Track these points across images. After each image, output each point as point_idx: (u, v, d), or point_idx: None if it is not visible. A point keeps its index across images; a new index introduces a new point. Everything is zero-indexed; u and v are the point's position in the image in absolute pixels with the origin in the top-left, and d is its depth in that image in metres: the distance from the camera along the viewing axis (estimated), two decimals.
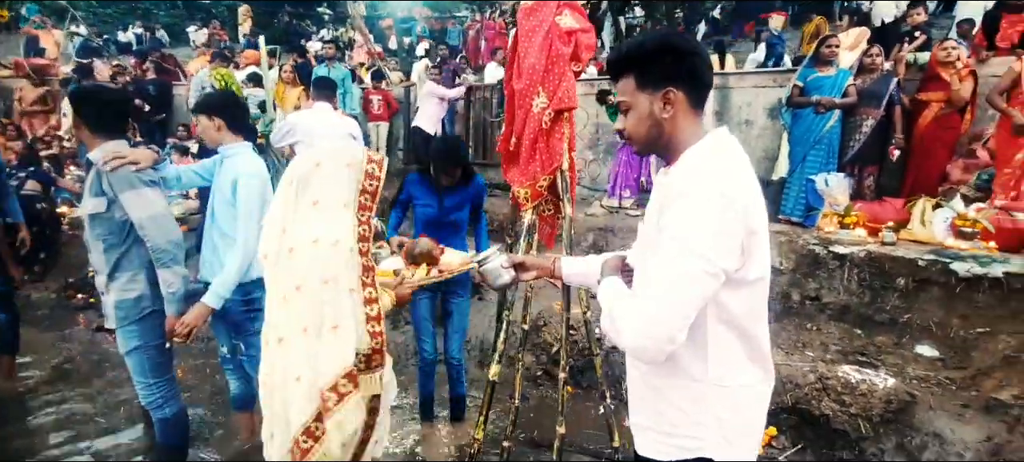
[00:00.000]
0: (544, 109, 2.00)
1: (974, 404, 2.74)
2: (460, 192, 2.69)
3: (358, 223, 1.61)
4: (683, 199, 1.10)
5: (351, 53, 10.43)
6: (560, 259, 1.64)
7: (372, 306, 1.57)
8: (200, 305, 2.21)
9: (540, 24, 2.00)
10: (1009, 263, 3.61)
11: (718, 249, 1.08)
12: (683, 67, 1.19)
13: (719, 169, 1.13)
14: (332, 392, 1.44)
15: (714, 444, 1.21)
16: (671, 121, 1.21)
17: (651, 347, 1.10)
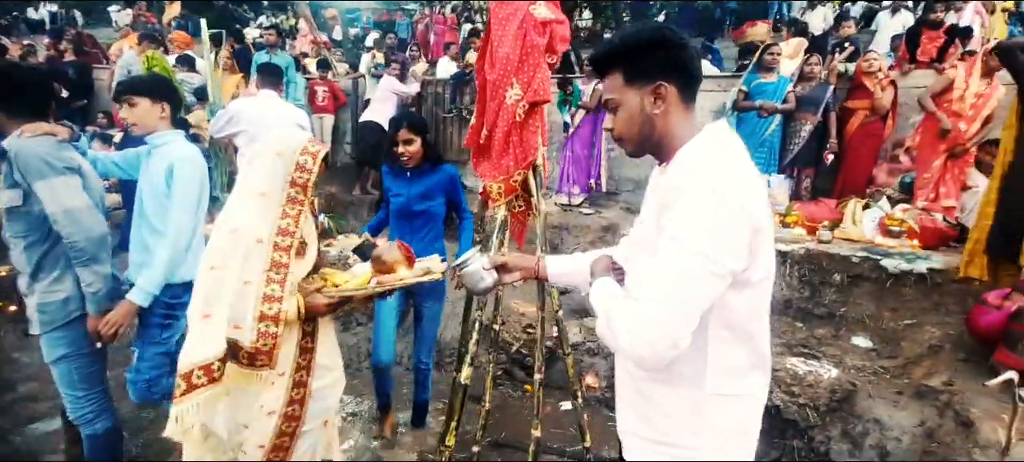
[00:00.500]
0: (518, 101, 1.95)
1: (907, 391, 2.94)
2: (427, 178, 2.58)
3: (281, 216, 1.57)
4: (684, 198, 1.05)
5: (293, 42, 9.94)
6: (544, 258, 1.57)
7: (271, 305, 1.53)
8: (126, 302, 2.03)
9: (514, 12, 1.94)
10: (931, 259, 3.93)
11: (723, 249, 1.03)
12: (673, 60, 1.15)
13: (720, 166, 1.09)
14: (182, 380, 1.42)
15: (709, 452, 1.18)
16: (663, 117, 1.16)
17: (651, 353, 1.04)
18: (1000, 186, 3.35)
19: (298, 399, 1.68)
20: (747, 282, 1.10)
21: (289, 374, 1.64)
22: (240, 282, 1.51)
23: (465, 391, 2.07)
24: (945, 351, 3.19)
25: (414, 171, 2.55)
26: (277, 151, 1.61)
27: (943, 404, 2.71)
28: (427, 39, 10.91)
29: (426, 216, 2.60)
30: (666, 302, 1.04)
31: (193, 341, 1.45)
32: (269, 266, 1.55)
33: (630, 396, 1.29)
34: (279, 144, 1.62)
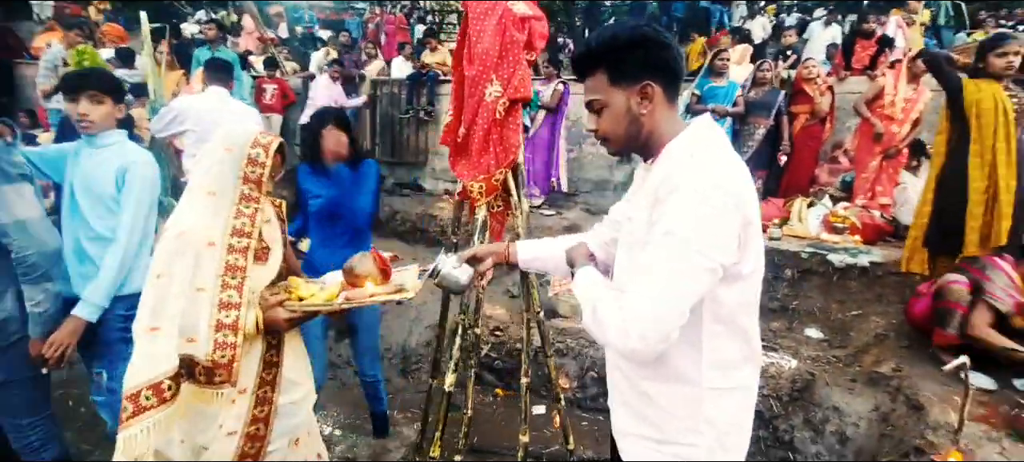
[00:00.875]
0: (498, 98, 1.90)
1: (860, 378, 3.11)
2: (351, 175, 2.35)
3: (235, 215, 1.47)
4: (676, 193, 1.04)
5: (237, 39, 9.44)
6: (513, 244, 1.55)
7: (228, 312, 1.40)
8: (72, 319, 1.86)
9: (492, 8, 1.89)
10: (872, 253, 4.18)
11: (714, 243, 1.04)
12: (658, 59, 1.14)
13: (711, 160, 1.09)
14: (129, 403, 1.30)
15: (708, 448, 1.18)
16: (649, 116, 1.16)
17: (643, 346, 1.04)
18: (935, 186, 3.60)
19: (262, 417, 1.55)
20: (738, 275, 1.11)
21: (252, 390, 1.52)
22: (192, 289, 1.39)
23: (449, 398, 1.99)
24: (890, 339, 3.40)
25: (336, 170, 2.32)
26: (226, 146, 1.50)
27: (894, 389, 2.88)
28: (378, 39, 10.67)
29: (350, 217, 2.36)
30: (657, 296, 1.03)
31: (139, 358, 1.32)
32: (223, 270, 1.43)
33: (627, 396, 1.27)
34: (227, 138, 1.51)
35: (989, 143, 3.32)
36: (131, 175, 1.96)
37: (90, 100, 1.96)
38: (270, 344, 1.56)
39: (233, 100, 4.12)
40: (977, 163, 3.36)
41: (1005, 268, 2.82)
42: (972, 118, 3.34)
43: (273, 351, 1.57)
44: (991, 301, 2.75)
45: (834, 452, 2.81)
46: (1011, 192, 3.32)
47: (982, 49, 3.38)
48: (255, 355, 1.52)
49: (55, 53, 5.26)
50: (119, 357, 2.01)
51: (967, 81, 3.40)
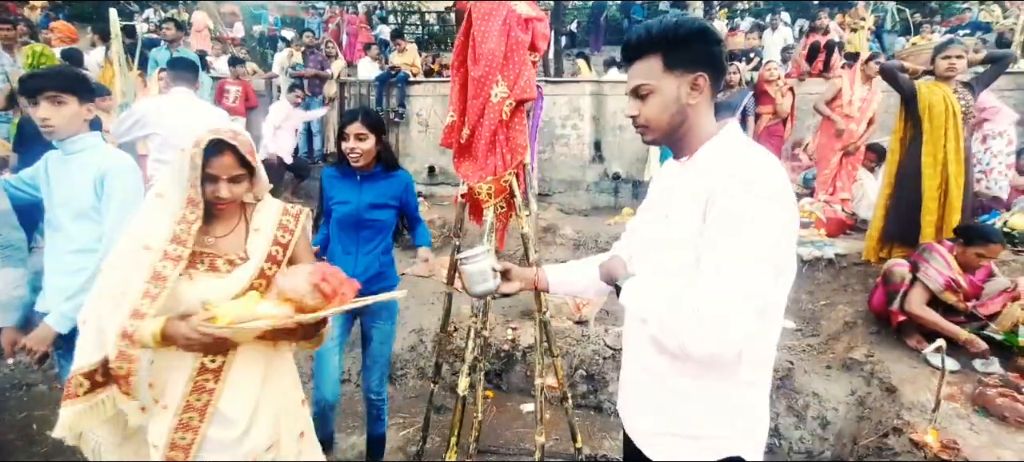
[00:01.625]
0: (504, 99, 1.89)
1: (835, 365, 3.26)
2: (380, 184, 2.22)
3: (180, 220, 1.38)
4: (741, 194, 1.05)
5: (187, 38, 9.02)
6: (542, 269, 1.53)
7: (134, 321, 1.31)
8: (44, 326, 1.81)
9: (496, 8, 1.88)
10: (836, 246, 4.41)
11: (779, 243, 1.06)
12: (713, 54, 1.16)
13: (766, 162, 1.11)
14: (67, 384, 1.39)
15: (741, 440, 1.21)
16: (695, 109, 1.17)
17: (727, 349, 1.04)
18: (891, 182, 3.84)
19: (183, 444, 1.39)
20: (781, 271, 1.13)
21: (174, 411, 1.40)
22: (119, 291, 1.34)
23: (464, 403, 1.96)
24: (858, 326, 3.58)
25: (364, 175, 2.21)
26: (182, 147, 1.40)
27: (868, 374, 3.04)
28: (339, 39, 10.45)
29: (376, 227, 2.24)
30: (736, 296, 1.03)
31: (78, 346, 1.39)
32: (150, 277, 1.33)
33: (657, 396, 1.26)
34: (187, 140, 1.40)
35: (940, 143, 3.57)
36: (111, 182, 1.85)
37: (50, 102, 1.82)
38: (205, 366, 1.41)
39: (201, 101, 3.94)
40: (930, 162, 3.61)
41: (942, 252, 3.06)
42: (925, 120, 3.59)
43: (209, 375, 1.42)
44: (924, 280, 3.00)
45: (816, 436, 2.94)
46: (960, 188, 3.58)
47: (933, 53, 3.63)
48: (183, 374, 1.40)
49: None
50: None
51: (920, 84, 3.65)
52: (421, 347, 3.85)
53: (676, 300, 1.12)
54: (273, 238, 1.48)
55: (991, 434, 2.43)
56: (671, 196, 1.24)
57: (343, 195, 2.22)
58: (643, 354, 1.28)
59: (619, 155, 6.62)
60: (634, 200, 6.42)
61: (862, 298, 3.88)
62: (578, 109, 6.54)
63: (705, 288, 1.06)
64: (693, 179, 1.17)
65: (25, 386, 3.61)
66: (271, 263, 1.45)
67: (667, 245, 1.20)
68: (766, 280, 1.05)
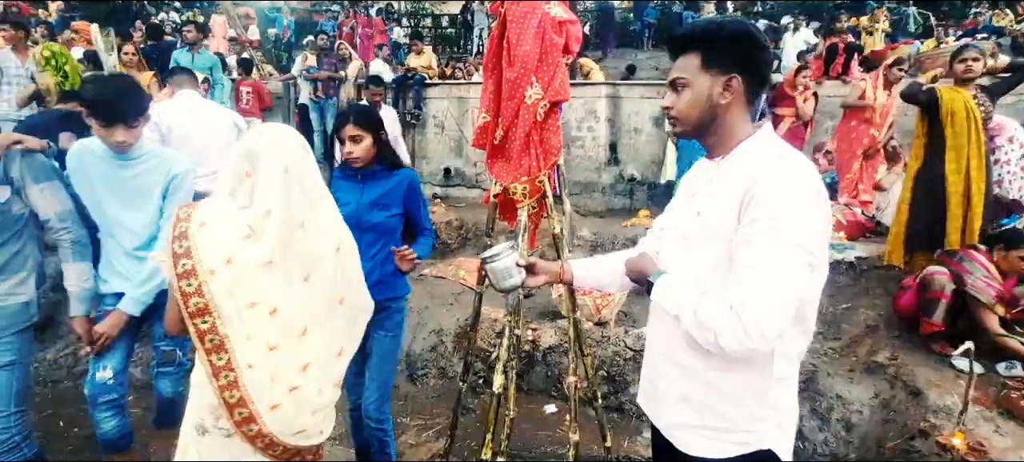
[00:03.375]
0: (538, 100, 1.92)
1: (858, 368, 3.26)
2: (382, 183, 2.11)
3: None
4: (778, 192, 1.08)
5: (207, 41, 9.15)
6: (568, 262, 1.56)
7: None
8: (117, 312, 1.98)
9: (531, 11, 1.91)
10: (856, 249, 4.39)
11: (815, 239, 1.08)
12: (752, 58, 1.19)
13: (801, 161, 1.15)
14: None
15: (772, 434, 1.22)
16: (726, 108, 1.20)
17: (762, 345, 1.06)
18: (912, 186, 3.82)
19: None
20: (814, 268, 1.15)
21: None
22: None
23: (499, 401, 1.98)
24: (881, 329, 3.57)
25: (366, 175, 2.10)
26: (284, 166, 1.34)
27: (892, 377, 3.03)
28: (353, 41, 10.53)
29: (378, 230, 2.09)
30: (773, 292, 1.06)
31: None
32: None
33: (687, 390, 1.28)
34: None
35: (963, 149, 3.54)
36: (177, 183, 2.06)
37: (127, 128, 1.94)
38: None
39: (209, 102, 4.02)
40: (953, 168, 3.58)
41: (981, 260, 3.01)
42: (947, 126, 3.55)
43: None
44: (974, 293, 2.93)
45: (840, 439, 2.94)
46: (982, 194, 3.54)
47: (950, 57, 3.61)
48: None
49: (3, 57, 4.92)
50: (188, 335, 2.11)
51: (942, 90, 3.62)
52: (442, 347, 3.88)
53: (712, 298, 1.14)
54: None
55: (1016, 436, 2.42)
56: (704, 194, 1.26)
57: (345, 196, 2.10)
58: (674, 350, 1.30)
59: (635, 157, 6.63)
60: (649, 203, 6.42)
61: (884, 302, 3.86)
62: (594, 111, 6.56)
63: (742, 287, 1.08)
64: (728, 178, 1.19)
65: (51, 383, 3.68)
66: None
67: (700, 242, 1.23)
68: (802, 279, 1.07)
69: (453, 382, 3.71)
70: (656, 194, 6.34)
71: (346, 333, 1.43)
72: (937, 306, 3.04)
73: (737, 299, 1.08)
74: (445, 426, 3.00)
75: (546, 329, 3.81)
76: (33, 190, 1.89)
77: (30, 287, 1.96)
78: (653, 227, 1.53)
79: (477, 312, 2.26)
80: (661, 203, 6.24)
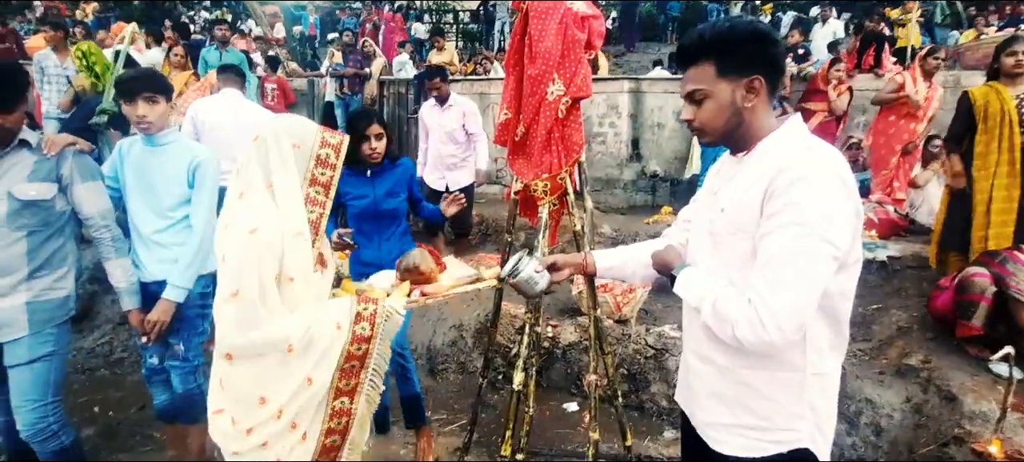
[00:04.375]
0: (560, 97, 1.91)
1: (888, 371, 3.16)
2: (390, 175, 2.43)
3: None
4: (801, 183, 1.05)
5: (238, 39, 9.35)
6: (590, 253, 1.54)
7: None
8: (164, 301, 2.09)
9: (555, 6, 1.90)
10: (889, 248, 4.26)
11: (840, 232, 1.06)
12: (768, 55, 1.16)
13: (828, 152, 1.12)
14: None
15: (809, 434, 1.20)
16: (751, 111, 1.18)
17: (780, 338, 1.05)
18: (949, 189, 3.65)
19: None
20: (845, 264, 1.12)
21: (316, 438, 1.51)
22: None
23: (519, 398, 1.98)
24: (914, 332, 3.46)
25: (374, 169, 2.38)
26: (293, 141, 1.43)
27: (924, 381, 2.93)
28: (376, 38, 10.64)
29: (393, 215, 2.45)
30: (793, 285, 1.04)
31: None
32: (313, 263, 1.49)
33: (720, 387, 1.27)
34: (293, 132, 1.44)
35: (993, 155, 3.33)
36: (202, 171, 2.13)
37: (147, 101, 2.07)
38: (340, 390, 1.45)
39: (247, 101, 4.12)
40: (981, 173, 3.36)
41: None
42: (979, 124, 3.37)
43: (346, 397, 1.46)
44: (1018, 296, 2.80)
45: (869, 443, 2.85)
46: (1014, 200, 3.30)
47: (997, 52, 3.43)
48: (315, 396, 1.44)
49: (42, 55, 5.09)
50: (195, 331, 2.27)
51: (974, 90, 3.43)
52: (462, 342, 3.89)
53: (730, 290, 1.14)
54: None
55: None
56: (728, 189, 1.24)
57: (358, 190, 2.39)
58: (707, 347, 1.29)
59: (658, 153, 6.54)
60: (672, 199, 6.33)
61: (916, 302, 3.74)
62: (616, 107, 6.48)
63: (760, 280, 1.07)
64: (751, 172, 1.18)
65: (88, 371, 3.83)
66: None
67: (725, 237, 1.22)
68: (824, 273, 1.05)
69: (473, 377, 3.72)
70: (679, 190, 6.25)
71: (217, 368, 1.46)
72: (976, 309, 2.92)
73: (755, 291, 1.07)
74: (466, 421, 3.02)
75: (566, 326, 3.79)
76: (80, 188, 1.97)
77: (70, 282, 2.04)
78: (679, 218, 1.52)
79: (497, 308, 2.27)
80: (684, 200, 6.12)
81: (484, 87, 6.96)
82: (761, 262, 1.09)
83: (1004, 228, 3.30)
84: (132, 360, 3.79)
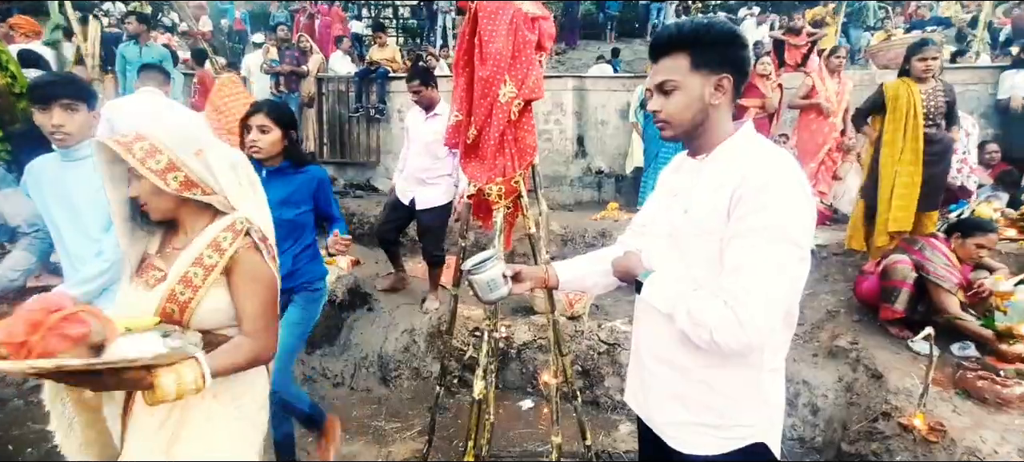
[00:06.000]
0: (512, 98, 1.88)
1: (821, 353, 3.36)
2: (289, 181, 2.13)
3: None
4: (767, 189, 1.09)
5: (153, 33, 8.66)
6: (552, 266, 1.53)
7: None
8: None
9: (503, 7, 1.86)
10: (817, 237, 4.53)
11: (805, 234, 1.11)
12: (739, 56, 1.20)
13: (787, 158, 1.16)
14: None
15: (764, 428, 1.25)
16: (717, 109, 1.21)
17: (757, 339, 1.08)
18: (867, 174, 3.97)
19: None
20: (803, 261, 1.16)
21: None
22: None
23: (479, 407, 1.94)
24: (842, 315, 3.70)
25: (271, 171, 2.09)
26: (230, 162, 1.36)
27: (854, 360, 3.14)
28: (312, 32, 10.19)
29: (290, 227, 2.11)
30: (767, 288, 1.07)
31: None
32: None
33: (680, 388, 1.29)
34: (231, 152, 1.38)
35: (898, 144, 3.68)
36: None
37: (65, 110, 1.84)
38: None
39: (169, 101, 3.84)
40: (887, 161, 3.71)
41: (941, 248, 3.14)
42: (888, 114, 3.70)
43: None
44: (938, 282, 3.04)
45: (807, 423, 3.03)
46: (916, 186, 3.62)
47: (908, 53, 3.73)
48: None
49: None
50: None
51: (886, 84, 3.76)
52: (414, 348, 3.81)
53: (704, 294, 1.15)
54: (197, 257, 1.26)
55: (973, 415, 2.55)
56: (691, 192, 1.26)
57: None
58: (665, 348, 1.31)
59: (602, 150, 6.67)
60: (617, 195, 6.48)
61: (843, 287, 4.01)
62: (561, 104, 6.55)
63: (736, 282, 1.09)
64: (714, 176, 1.20)
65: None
66: (184, 286, 1.24)
67: (689, 240, 1.24)
68: (792, 273, 1.10)
69: (427, 382, 3.65)
70: (623, 186, 6.41)
71: None
72: (899, 293, 3.16)
73: (731, 294, 1.09)
74: (423, 427, 2.95)
75: (520, 325, 3.79)
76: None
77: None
78: (633, 224, 1.53)
79: (453, 313, 2.21)
80: (628, 194, 6.32)
81: None
82: (734, 266, 1.11)
83: (904, 211, 3.64)
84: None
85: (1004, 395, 2.52)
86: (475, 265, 1.38)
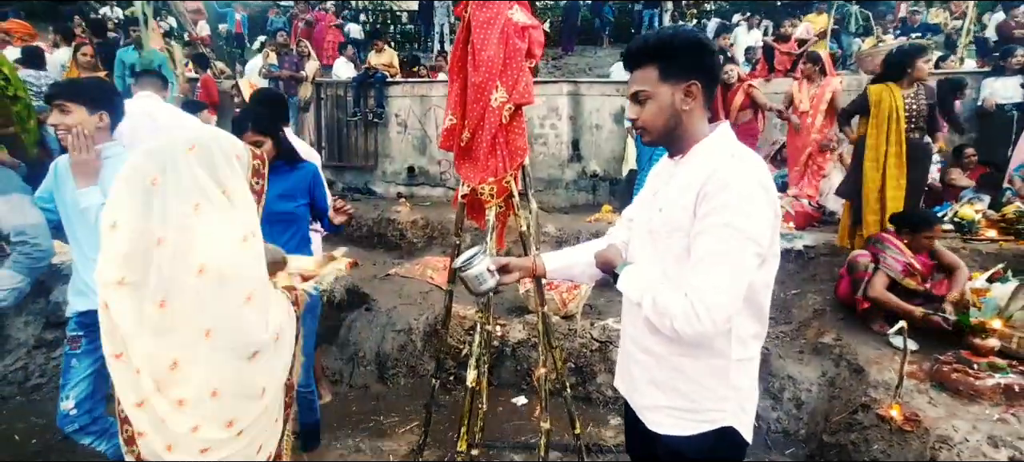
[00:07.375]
0: (503, 104, 1.98)
1: (806, 349, 3.47)
2: (285, 177, 2.28)
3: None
4: (728, 189, 1.18)
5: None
6: (540, 256, 1.63)
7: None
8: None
9: (496, 16, 1.97)
10: (804, 238, 4.65)
11: (762, 232, 1.20)
12: (706, 63, 1.29)
13: (751, 160, 1.26)
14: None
15: (733, 413, 1.34)
16: (689, 114, 1.30)
17: (712, 328, 1.18)
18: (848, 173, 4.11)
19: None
20: (766, 258, 1.28)
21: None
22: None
23: (473, 395, 2.04)
24: (827, 313, 3.81)
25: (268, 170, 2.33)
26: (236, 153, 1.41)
27: (837, 356, 3.25)
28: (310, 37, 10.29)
29: (288, 219, 2.29)
30: (723, 281, 1.17)
31: None
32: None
33: (656, 374, 1.39)
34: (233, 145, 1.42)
35: (882, 147, 3.85)
36: None
37: (58, 110, 1.93)
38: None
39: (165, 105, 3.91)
40: (871, 164, 3.91)
41: (894, 242, 3.36)
42: (872, 117, 3.87)
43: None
44: (885, 269, 3.27)
45: (792, 416, 3.13)
46: (901, 188, 3.85)
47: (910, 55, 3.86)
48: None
49: None
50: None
51: (870, 89, 3.92)
52: (411, 346, 3.90)
53: (668, 286, 1.26)
54: None
55: (947, 406, 2.65)
56: (665, 191, 1.37)
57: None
58: (642, 336, 1.41)
59: (597, 154, 6.78)
60: (612, 198, 6.58)
61: (829, 287, 4.12)
62: (556, 109, 6.66)
63: (694, 276, 1.20)
64: (685, 176, 1.30)
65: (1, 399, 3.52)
66: None
67: (663, 236, 1.33)
68: (748, 268, 1.19)
69: (424, 380, 3.74)
70: (618, 189, 6.51)
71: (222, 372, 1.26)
72: (863, 284, 3.32)
73: (690, 287, 1.19)
74: (418, 422, 3.04)
75: (514, 324, 3.88)
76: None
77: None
78: (623, 216, 1.63)
79: (448, 311, 2.31)
80: (623, 197, 6.42)
81: (425, 89, 6.95)
82: (695, 259, 1.22)
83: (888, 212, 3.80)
84: (52, 386, 3.53)
85: (977, 387, 2.63)
86: (464, 261, 1.48)
